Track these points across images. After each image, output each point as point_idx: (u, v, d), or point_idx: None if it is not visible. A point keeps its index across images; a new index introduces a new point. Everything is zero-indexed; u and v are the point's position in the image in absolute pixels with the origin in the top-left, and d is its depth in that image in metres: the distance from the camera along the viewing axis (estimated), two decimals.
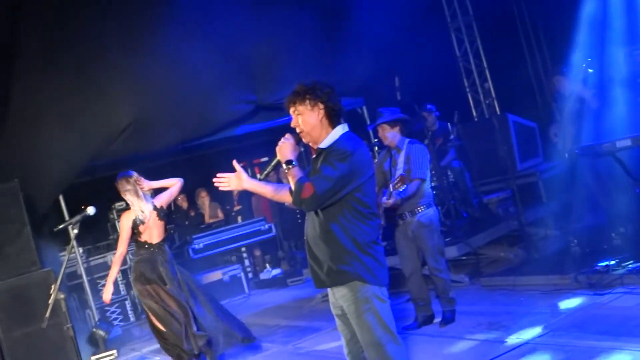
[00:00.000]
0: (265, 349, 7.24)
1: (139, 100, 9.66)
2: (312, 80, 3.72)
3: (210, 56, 10.09)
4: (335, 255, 3.56)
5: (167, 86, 9.86)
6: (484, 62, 12.41)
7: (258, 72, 10.83)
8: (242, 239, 11.73)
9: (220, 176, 3.94)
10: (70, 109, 9.30)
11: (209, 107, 10.44)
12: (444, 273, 6.37)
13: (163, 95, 9.87)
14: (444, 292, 6.36)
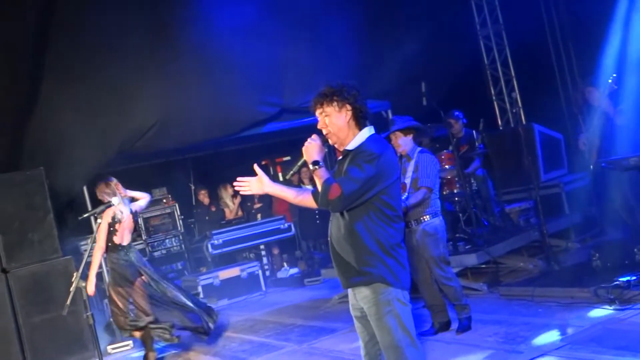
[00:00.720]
0: (280, 347, 7.25)
1: (166, 99, 9.81)
2: (339, 82, 3.73)
3: (238, 58, 10.18)
4: (359, 257, 3.57)
5: (195, 86, 9.99)
6: (511, 71, 12.38)
7: (285, 75, 10.91)
8: (261, 236, 11.78)
9: (241, 180, 3.96)
10: (99, 105, 9.45)
11: (234, 108, 10.54)
12: (453, 281, 6.35)
13: (190, 94, 10.00)
14: (456, 299, 6.34)
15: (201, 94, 10.15)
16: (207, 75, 10.12)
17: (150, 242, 11.52)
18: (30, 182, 8.54)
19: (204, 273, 11.25)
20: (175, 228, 11.82)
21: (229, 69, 10.20)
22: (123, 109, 9.60)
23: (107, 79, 9.41)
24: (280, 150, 14.98)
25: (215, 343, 8.07)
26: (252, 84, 10.63)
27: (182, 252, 11.79)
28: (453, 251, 7.99)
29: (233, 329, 8.68)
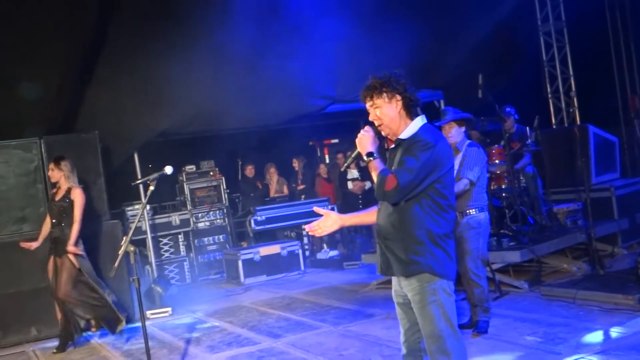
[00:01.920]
0: (316, 327, 7.30)
1: (218, 86, 9.99)
2: (385, 73, 3.70)
3: (295, 49, 10.26)
4: (407, 245, 3.56)
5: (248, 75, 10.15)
6: (570, 70, 12.19)
7: (339, 68, 10.94)
8: (304, 216, 11.83)
9: (310, 227, 4.03)
10: (154, 82, 9.65)
11: (285, 99, 10.70)
12: (482, 280, 6.27)
13: (242, 83, 10.19)
14: (480, 300, 6.25)
15: (254, 83, 10.32)
16: (261, 65, 10.27)
17: (194, 213, 11.67)
18: (85, 145, 8.72)
19: (245, 248, 11.37)
20: (220, 201, 11.95)
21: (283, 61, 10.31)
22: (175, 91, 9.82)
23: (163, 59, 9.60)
24: (328, 132, 15.00)
25: (252, 318, 8.17)
26: (306, 77, 10.73)
27: (225, 226, 11.92)
28: (497, 247, 7.92)
29: (270, 305, 8.76)
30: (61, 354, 7.50)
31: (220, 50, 9.85)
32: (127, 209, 10.96)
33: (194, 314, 8.89)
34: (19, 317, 8.27)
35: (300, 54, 10.43)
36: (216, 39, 9.70)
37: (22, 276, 8.14)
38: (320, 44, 10.52)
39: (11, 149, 8.48)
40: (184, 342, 7.36)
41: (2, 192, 8.41)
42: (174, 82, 9.69)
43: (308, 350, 6.39)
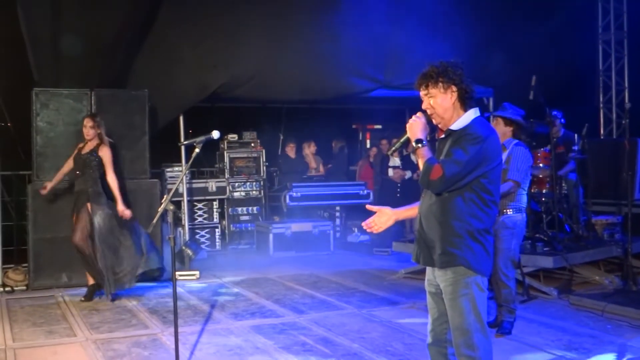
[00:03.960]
0: (340, 307, 7.34)
1: (270, 53, 10.20)
2: (443, 62, 3.65)
3: (346, 27, 10.27)
4: (446, 237, 3.55)
5: (298, 46, 10.26)
6: (625, 81, 11.98)
7: (389, 52, 10.92)
8: (339, 198, 11.90)
9: (367, 224, 4.02)
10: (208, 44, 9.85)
11: (333, 75, 10.76)
12: (511, 281, 6.22)
13: (292, 53, 10.31)
14: (506, 301, 6.21)
15: (303, 55, 10.38)
16: (312, 37, 10.33)
17: (231, 182, 11.75)
18: (133, 102, 8.85)
19: (278, 222, 11.44)
20: (258, 173, 12.01)
21: (335, 36, 10.39)
22: (229, 53, 9.93)
23: (219, 23, 9.72)
24: (372, 117, 14.96)
25: (277, 291, 8.24)
26: (355, 55, 10.78)
27: (260, 198, 11.99)
28: (530, 250, 7.85)
29: (297, 281, 8.82)
30: (87, 303, 7.65)
31: (279, 15, 9.92)
32: (167, 170, 11.08)
33: (221, 280, 8.99)
34: (51, 262, 8.47)
35: (356, 30, 10.43)
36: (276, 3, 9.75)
37: (59, 222, 8.29)
38: (377, 25, 10.51)
39: (63, 98, 8.64)
40: (208, 307, 7.46)
41: (50, 138, 8.59)
42: (229, 42, 9.80)
43: (330, 329, 6.43)
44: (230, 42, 9.84)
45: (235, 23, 9.80)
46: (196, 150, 5.25)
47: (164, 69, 9.70)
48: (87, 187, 7.65)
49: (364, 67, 10.98)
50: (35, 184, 8.47)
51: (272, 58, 10.23)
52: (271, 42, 10.15)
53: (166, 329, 6.46)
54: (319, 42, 10.37)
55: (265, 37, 10.09)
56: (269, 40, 10.13)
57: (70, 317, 7.08)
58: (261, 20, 9.96)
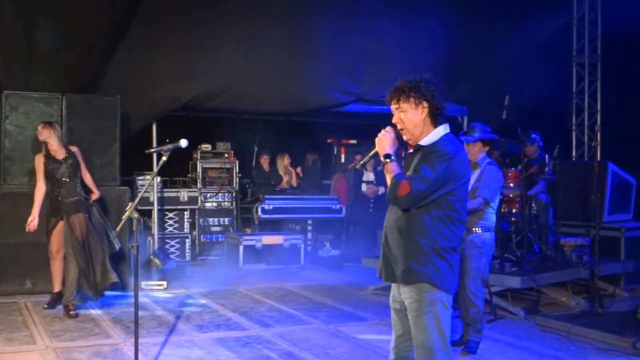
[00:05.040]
0: (306, 322, 7.28)
1: (245, 64, 10.22)
2: (415, 77, 3.65)
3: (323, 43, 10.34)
4: (411, 253, 3.53)
5: (274, 58, 10.20)
6: (598, 105, 12.10)
7: (367, 66, 10.95)
8: (311, 211, 11.87)
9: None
10: (182, 53, 9.79)
11: (309, 88, 10.77)
12: (480, 300, 6.21)
13: (268, 65, 10.29)
14: (474, 320, 6.19)
15: (279, 67, 10.36)
16: (288, 49, 10.31)
17: (203, 192, 11.66)
18: (105, 108, 8.76)
19: (249, 234, 11.36)
20: (231, 184, 11.94)
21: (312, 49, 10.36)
22: (204, 63, 9.92)
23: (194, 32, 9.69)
24: (347, 132, 14.96)
25: (245, 304, 8.16)
26: (332, 69, 10.81)
27: (232, 209, 11.91)
28: (499, 270, 7.87)
29: (265, 294, 8.75)
30: (50, 311, 7.52)
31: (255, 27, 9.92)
32: (138, 178, 10.97)
33: (188, 291, 8.89)
34: (16, 268, 8.32)
35: (333, 43, 10.45)
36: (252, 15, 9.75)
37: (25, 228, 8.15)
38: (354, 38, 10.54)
39: (33, 101, 8.52)
40: (174, 318, 7.36)
41: (19, 142, 8.46)
42: (206, 53, 9.78)
43: (295, 343, 6.37)
44: (203, 54, 9.82)
45: (210, 34, 9.78)
46: (163, 158, 5.19)
47: (137, 76, 9.64)
48: (77, 195, 7.53)
49: (340, 80, 10.99)
50: (2, 187, 8.35)
51: (246, 71, 10.20)
52: (245, 54, 10.14)
53: (129, 339, 6.35)
54: (295, 54, 10.38)
55: (239, 50, 10.08)
56: (243, 53, 10.12)
57: (31, 324, 6.94)
58: (236, 32, 9.95)
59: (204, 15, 9.67)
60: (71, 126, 8.51)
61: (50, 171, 7.46)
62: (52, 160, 7.49)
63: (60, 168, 7.47)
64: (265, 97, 10.62)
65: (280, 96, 10.66)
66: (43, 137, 7.48)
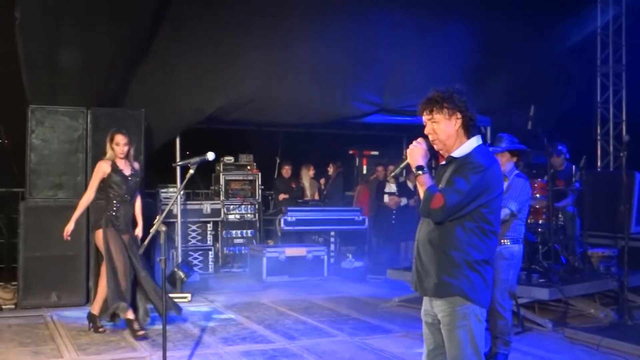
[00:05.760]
0: (332, 334, 7.25)
1: (269, 75, 10.18)
2: (448, 88, 3.61)
3: (345, 53, 10.35)
4: (443, 266, 3.49)
5: (298, 68, 10.23)
6: (623, 114, 12.00)
7: (389, 76, 10.94)
8: (334, 223, 11.84)
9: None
10: (207, 66, 9.88)
11: (332, 99, 10.77)
12: (507, 313, 6.14)
13: (292, 75, 10.30)
14: (502, 333, 6.11)
15: (303, 78, 10.37)
16: (311, 61, 10.32)
17: (226, 205, 11.69)
18: (130, 120, 8.78)
19: (272, 246, 11.36)
20: (254, 196, 11.96)
21: (334, 60, 10.36)
22: (227, 75, 9.95)
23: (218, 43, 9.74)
24: (370, 143, 14.95)
25: (269, 316, 8.14)
26: (355, 79, 10.80)
27: (255, 221, 11.92)
28: (526, 281, 7.78)
29: (289, 306, 8.72)
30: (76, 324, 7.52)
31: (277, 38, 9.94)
32: (161, 191, 11.02)
33: (212, 303, 8.89)
34: (41, 281, 8.36)
35: (355, 53, 10.47)
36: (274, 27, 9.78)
37: (51, 241, 8.20)
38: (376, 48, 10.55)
39: (59, 115, 8.59)
40: (199, 330, 7.35)
41: (44, 156, 8.52)
42: (229, 65, 9.80)
43: (321, 356, 6.33)
44: (228, 65, 9.85)
45: (233, 46, 9.81)
46: (190, 172, 5.20)
47: (161, 89, 9.69)
48: (131, 214, 7.25)
49: (362, 90, 10.99)
50: (27, 201, 8.40)
51: (270, 81, 10.23)
52: (269, 65, 10.17)
53: (154, 352, 6.35)
54: (317, 66, 10.38)
55: (263, 61, 10.10)
56: (267, 64, 10.14)
57: (58, 337, 6.96)
58: (259, 44, 9.96)
59: (227, 27, 9.70)
60: (96, 140, 8.54)
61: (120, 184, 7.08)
62: (118, 173, 7.10)
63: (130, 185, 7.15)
64: (288, 108, 10.64)
65: (303, 107, 10.67)
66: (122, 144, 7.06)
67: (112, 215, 7.03)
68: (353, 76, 10.77)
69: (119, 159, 7.09)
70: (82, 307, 8.34)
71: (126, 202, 7.11)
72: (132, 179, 7.14)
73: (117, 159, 7.08)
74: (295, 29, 10.13)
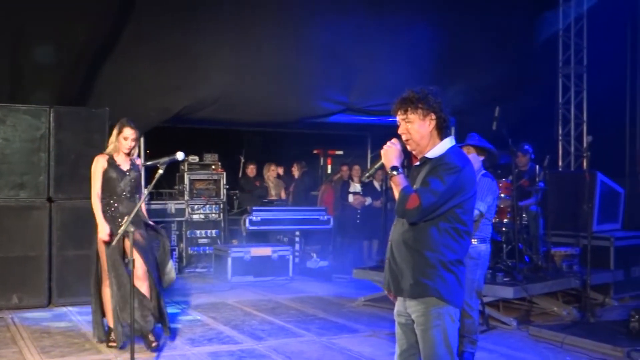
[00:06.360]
0: (299, 334, 7.24)
1: (235, 74, 10.17)
2: (422, 88, 3.61)
3: (311, 52, 10.35)
4: (418, 267, 3.50)
5: (265, 67, 10.19)
6: (584, 115, 12.20)
7: (355, 75, 10.97)
8: (299, 222, 11.82)
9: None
10: (172, 66, 9.81)
11: (298, 98, 10.76)
12: (474, 312, 6.19)
13: (258, 74, 10.25)
14: (469, 332, 6.15)
15: (269, 77, 10.36)
16: (278, 60, 10.32)
17: (191, 204, 11.60)
18: (94, 120, 8.66)
19: (237, 246, 11.30)
20: (218, 196, 11.88)
21: (301, 59, 10.37)
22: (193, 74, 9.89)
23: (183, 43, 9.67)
24: (334, 143, 15.00)
25: (235, 316, 8.09)
26: (321, 78, 10.82)
27: (219, 221, 11.84)
28: (491, 280, 7.86)
29: (255, 307, 8.68)
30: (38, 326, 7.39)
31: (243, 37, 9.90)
32: None
33: (178, 305, 8.80)
34: (2, 283, 8.18)
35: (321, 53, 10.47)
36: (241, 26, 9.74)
37: (12, 242, 8.07)
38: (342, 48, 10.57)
39: (21, 114, 8.41)
40: None
41: (6, 155, 8.34)
42: (195, 65, 9.75)
43: (289, 357, 6.32)
44: (194, 64, 9.80)
45: (199, 46, 9.75)
46: (159, 172, 5.15)
47: (126, 89, 9.59)
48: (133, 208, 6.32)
49: (329, 90, 11.01)
50: None
51: (236, 81, 10.19)
52: (235, 65, 10.13)
53: (120, 354, 6.27)
54: (283, 65, 10.38)
55: (229, 61, 10.07)
56: (233, 64, 10.11)
57: (20, 340, 6.83)
58: (226, 43, 9.93)
59: (193, 27, 9.65)
60: (59, 139, 8.41)
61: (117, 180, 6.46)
62: (115, 168, 6.49)
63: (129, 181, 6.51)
64: (254, 108, 10.60)
65: (270, 106, 10.65)
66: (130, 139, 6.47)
67: (111, 216, 6.39)
68: (319, 76, 10.78)
69: (120, 153, 6.50)
70: (44, 308, 8.23)
71: (126, 199, 6.44)
72: (130, 174, 6.49)
73: (116, 154, 6.50)
74: (262, 29, 10.12)
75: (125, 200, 6.44)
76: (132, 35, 9.37)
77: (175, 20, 9.55)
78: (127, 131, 6.44)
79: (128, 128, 6.45)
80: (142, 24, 9.38)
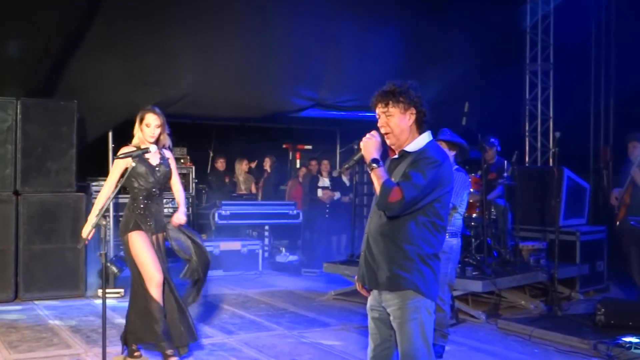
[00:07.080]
0: (270, 328, 7.24)
1: (204, 70, 10.07)
2: (403, 82, 3.61)
3: (281, 48, 10.31)
4: (396, 260, 3.50)
5: (234, 62, 10.16)
6: (550, 111, 12.36)
7: (325, 71, 10.98)
8: (268, 217, 11.79)
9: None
10: (141, 61, 9.67)
11: (268, 94, 10.73)
12: (446, 305, 6.27)
13: (227, 69, 10.21)
14: (440, 325, 6.20)
15: (238, 72, 10.32)
16: (247, 55, 10.27)
17: None
18: (62, 112, 8.56)
19: (206, 240, 11.22)
20: (187, 190, 11.77)
21: (270, 55, 10.34)
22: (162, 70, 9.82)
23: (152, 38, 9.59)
24: (303, 137, 14.97)
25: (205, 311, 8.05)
26: (291, 74, 10.78)
27: (188, 215, 11.69)
28: (460, 274, 7.93)
29: (225, 301, 8.66)
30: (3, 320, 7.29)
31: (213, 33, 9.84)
32: (93, 184, 10.73)
33: None
34: None
35: (291, 48, 10.45)
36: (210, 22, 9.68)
37: None
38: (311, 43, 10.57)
39: None
40: None
41: None
42: (161, 60, 9.64)
43: (261, 350, 6.31)
44: (163, 59, 9.70)
45: (168, 41, 9.65)
46: (132, 164, 5.09)
47: (95, 82, 9.45)
48: (162, 209, 6.04)
49: (299, 86, 10.98)
50: None
51: (206, 76, 10.09)
52: (205, 60, 10.04)
53: (90, 349, 6.21)
54: (254, 60, 10.32)
55: (199, 56, 9.98)
56: (203, 59, 10.02)
57: None
58: (195, 39, 9.83)
59: (162, 22, 9.54)
60: (26, 131, 8.29)
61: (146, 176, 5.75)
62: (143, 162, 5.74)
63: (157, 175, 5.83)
64: (224, 103, 10.54)
65: (240, 101, 10.60)
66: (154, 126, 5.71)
67: (139, 215, 5.78)
68: (289, 71, 10.75)
69: (145, 144, 5.71)
70: (10, 302, 8.13)
71: (155, 197, 5.83)
72: (161, 168, 5.78)
73: (143, 145, 5.72)
74: (232, 25, 10.04)
75: (155, 198, 5.84)
76: (100, 30, 9.24)
77: (142, 16, 9.42)
78: (150, 117, 5.68)
79: (150, 114, 5.69)
80: (111, 18, 9.24)
